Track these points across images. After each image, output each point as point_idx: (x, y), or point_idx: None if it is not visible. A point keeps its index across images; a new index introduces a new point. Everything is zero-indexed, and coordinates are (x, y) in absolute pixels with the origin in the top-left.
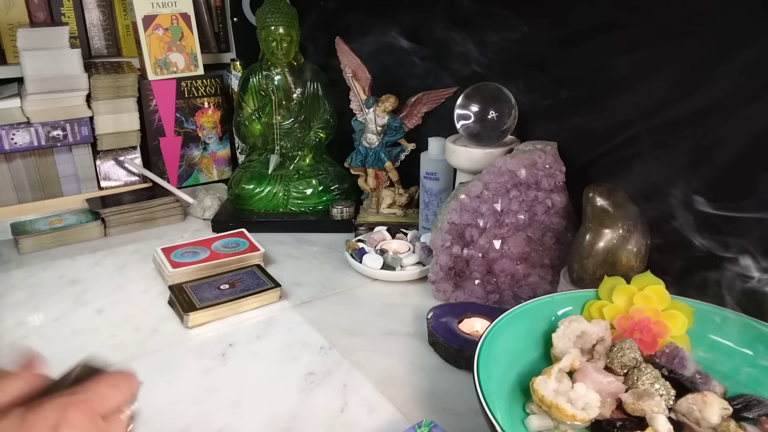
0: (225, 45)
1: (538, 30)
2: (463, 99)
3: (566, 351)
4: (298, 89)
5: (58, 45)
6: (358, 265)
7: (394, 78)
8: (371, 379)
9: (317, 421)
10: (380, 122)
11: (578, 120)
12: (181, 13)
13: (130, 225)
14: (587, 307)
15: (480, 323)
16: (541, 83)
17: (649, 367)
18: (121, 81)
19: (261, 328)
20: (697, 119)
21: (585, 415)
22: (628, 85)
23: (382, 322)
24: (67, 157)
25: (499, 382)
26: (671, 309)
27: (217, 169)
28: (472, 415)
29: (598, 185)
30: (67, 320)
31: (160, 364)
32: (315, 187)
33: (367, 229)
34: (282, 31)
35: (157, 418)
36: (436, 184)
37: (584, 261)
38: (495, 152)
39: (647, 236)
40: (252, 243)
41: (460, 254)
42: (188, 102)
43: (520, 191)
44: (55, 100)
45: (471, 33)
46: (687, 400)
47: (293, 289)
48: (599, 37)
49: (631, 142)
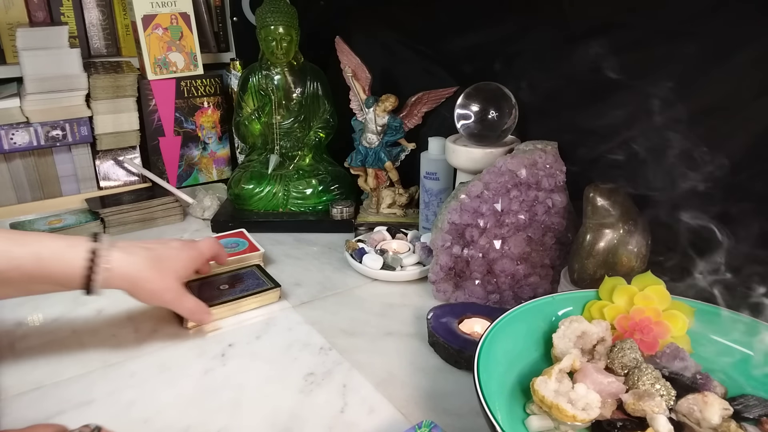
0: (224, 44)
1: (539, 29)
2: (463, 99)
3: (567, 351)
4: (298, 89)
5: (57, 45)
6: (358, 265)
7: (394, 78)
8: (371, 379)
9: (317, 422)
10: (380, 122)
11: (578, 120)
12: (180, 12)
13: (129, 225)
14: (588, 307)
15: (480, 324)
16: (542, 83)
17: (649, 367)
18: (120, 81)
19: (261, 329)
20: (697, 119)
21: (585, 416)
22: (628, 85)
23: (382, 322)
24: (66, 157)
25: (500, 383)
26: (672, 309)
27: (216, 169)
28: (473, 415)
29: (599, 185)
30: (66, 320)
31: (160, 364)
32: (315, 187)
33: (367, 229)
34: (282, 31)
35: (157, 418)
36: (436, 184)
37: (585, 261)
38: (495, 152)
39: (648, 236)
40: (252, 243)
41: (461, 254)
42: (188, 102)
43: (520, 191)
44: (55, 100)
45: (471, 32)
46: (688, 400)
47: (293, 289)
48: (599, 37)
49: (632, 142)
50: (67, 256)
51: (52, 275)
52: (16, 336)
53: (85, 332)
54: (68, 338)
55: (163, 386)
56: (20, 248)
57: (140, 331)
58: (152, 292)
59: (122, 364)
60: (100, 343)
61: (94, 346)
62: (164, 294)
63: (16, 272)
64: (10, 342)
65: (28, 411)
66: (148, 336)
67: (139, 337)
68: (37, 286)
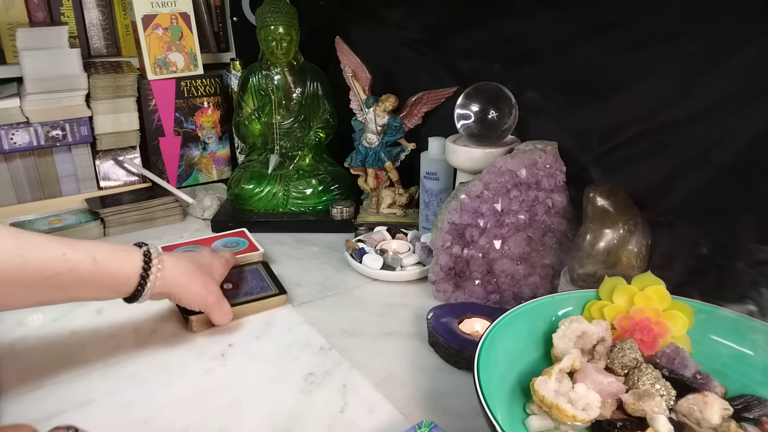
0: (224, 45)
1: (539, 29)
2: (463, 99)
3: (567, 351)
4: (298, 89)
5: (57, 45)
6: (358, 265)
7: (394, 78)
8: (371, 379)
9: (317, 422)
10: (380, 122)
11: (578, 120)
12: (180, 12)
13: (129, 225)
14: (588, 307)
15: (480, 323)
16: (542, 83)
17: (649, 367)
18: (120, 81)
19: (261, 329)
20: (697, 119)
21: (585, 416)
22: (628, 85)
23: (382, 322)
24: (66, 156)
25: (500, 383)
26: (672, 309)
27: (216, 169)
28: (473, 415)
29: (599, 185)
30: (66, 321)
31: (160, 364)
32: (315, 187)
33: (367, 229)
34: (282, 31)
35: (157, 418)
36: (436, 184)
37: (585, 261)
38: (495, 152)
39: (648, 236)
40: (252, 243)
41: (461, 254)
42: (188, 102)
43: (520, 191)
44: (55, 100)
45: (471, 32)
46: (688, 400)
47: (293, 289)
48: (599, 37)
49: (632, 142)
50: (123, 260)
51: (104, 279)
52: (16, 336)
53: (84, 332)
54: (68, 338)
55: (163, 386)
56: (75, 251)
57: (140, 331)
58: (198, 294)
59: (122, 364)
60: (100, 343)
61: (94, 345)
62: (208, 296)
63: (70, 275)
64: (10, 342)
65: (28, 411)
66: (148, 336)
67: (139, 337)
68: (87, 291)
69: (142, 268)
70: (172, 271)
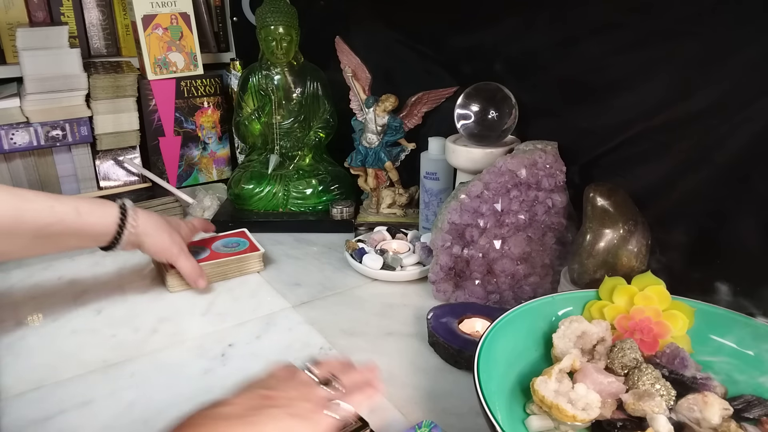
0: (224, 44)
1: (539, 30)
2: (463, 99)
3: (567, 351)
4: (298, 89)
5: (57, 45)
6: (358, 265)
7: (394, 78)
8: None
9: None
10: (380, 122)
11: (578, 120)
12: (180, 12)
13: None
14: (588, 307)
15: (480, 323)
16: (542, 83)
17: (649, 367)
18: (120, 81)
19: (261, 328)
20: (697, 119)
21: (585, 416)
22: (628, 85)
23: (382, 322)
24: (66, 156)
25: (500, 383)
26: (672, 309)
27: (216, 169)
28: (472, 415)
29: (599, 185)
30: (66, 320)
31: (160, 364)
32: (315, 187)
33: (367, 229)
34: (282, 31)
35: (157, 418)
36: (436, 184)
37: (585, 261)
38: (495, 152)
39: (648, 236)
40: (252, 243)
41: (461, 254)
42: (188, 102)
43: (520, 191)
44: (55, 100)
45: (471, 32)
46: (688, 400)
47: (293, 289)
48: (599, 37)
49: (632, 142)
50: (102, 212)
51: (87, 228)
52: (16, 336)
53: (84, 332)
54: (68, 338)
55: (163, 386)
56: (61, 204)
57: (140, 331)
58: (164, 244)
59: (122, 364)
60: (99, 343)
61: (93, 345)
62: (172, 248)
63: (59, 226)
64: (10, 342)
65: (28, 411)
66: (148, 336)
67: (139, 337)
68: (72, 240)
69: (120, 218)
70: (143, 223)
